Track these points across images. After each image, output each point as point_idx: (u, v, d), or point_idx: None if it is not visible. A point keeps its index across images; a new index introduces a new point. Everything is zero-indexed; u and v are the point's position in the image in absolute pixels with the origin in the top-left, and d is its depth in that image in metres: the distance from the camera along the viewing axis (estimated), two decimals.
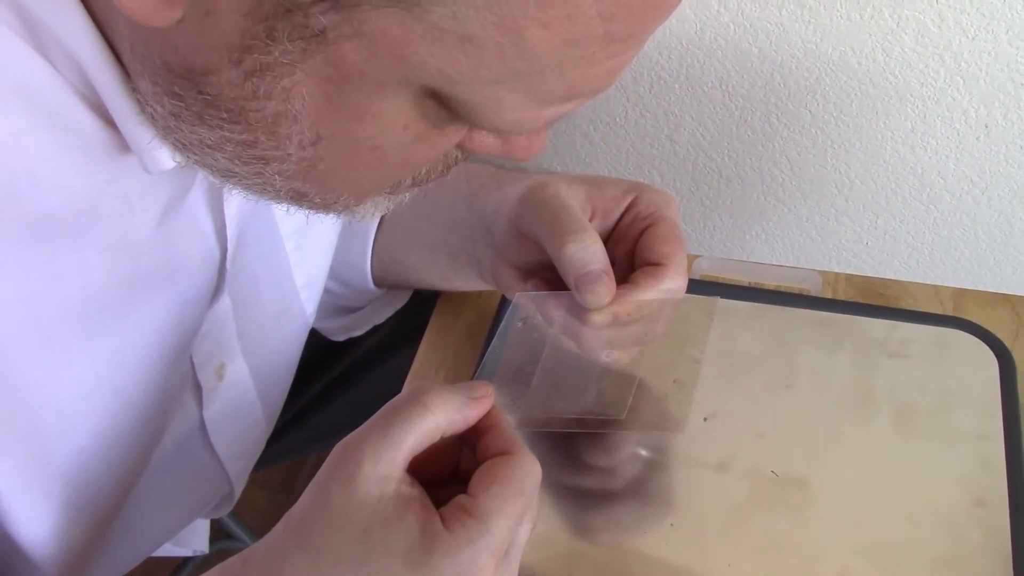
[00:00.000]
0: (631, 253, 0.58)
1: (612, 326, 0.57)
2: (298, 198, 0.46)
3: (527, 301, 0.58)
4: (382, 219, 0.75)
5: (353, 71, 0.37)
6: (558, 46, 0.35)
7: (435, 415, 0.46)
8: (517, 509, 0.45)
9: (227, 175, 0.45)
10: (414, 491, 0.45)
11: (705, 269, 0.76)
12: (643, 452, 0.67)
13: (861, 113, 0.98)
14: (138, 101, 0.44)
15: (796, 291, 0.74)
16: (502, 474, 0.46)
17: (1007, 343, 0.70)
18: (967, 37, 0.90)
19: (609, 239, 0.59)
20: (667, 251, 0.58)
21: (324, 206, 0.47)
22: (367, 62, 0.36)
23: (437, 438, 0.47)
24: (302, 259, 0.70)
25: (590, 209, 0.60)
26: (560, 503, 0.64)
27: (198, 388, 0.66)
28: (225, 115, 0.40)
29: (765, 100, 1.00)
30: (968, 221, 1.04)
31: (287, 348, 0.74)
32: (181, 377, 0.63)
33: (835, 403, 0.68)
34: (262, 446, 0.75)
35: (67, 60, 0.43)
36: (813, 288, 0.74)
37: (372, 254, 0.76)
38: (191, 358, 0.64)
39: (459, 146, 0.45)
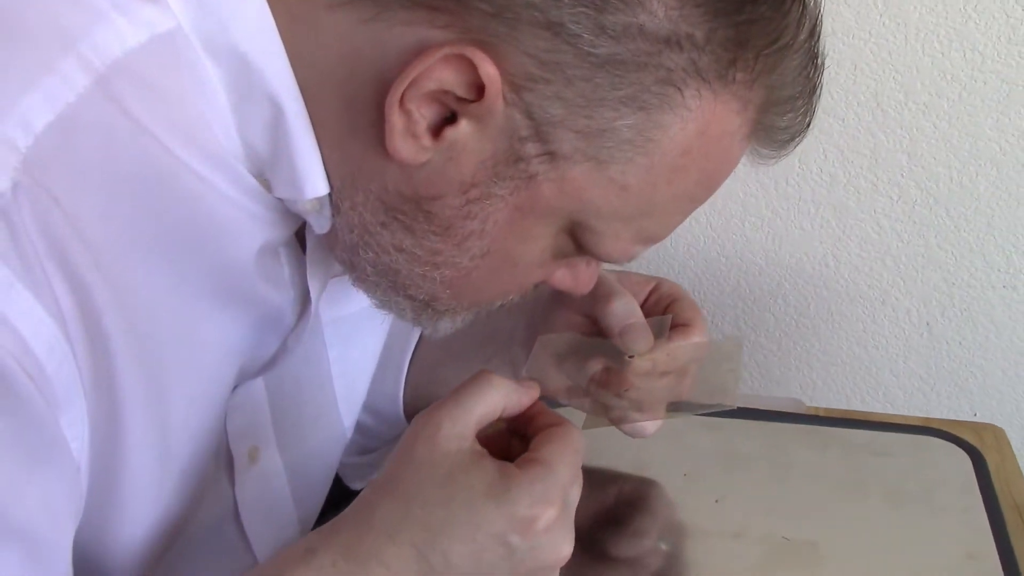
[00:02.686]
0: None
1: (649, 375, 0.65)
2: (422, 306, 0.57)
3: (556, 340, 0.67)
4: (417, 346, 0.84)
5: (540, 204, 0.50)
6: (668, 199, 0.51)
7: (498, 390, 0.54)
8: (574, 462, 0.52)
9: (382, 272, 0.55)
10: (484, 450, 0.52)
11: None
12: (663, 546, 0.72)
13: (818, 315, 1.12)
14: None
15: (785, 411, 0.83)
16: (558, 435, 0.53)
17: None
18: (903, 242, 1.06)
19: None
20: (692, 316, 0.68)
21: (432, 314, 0.58)
22: (554, 199, 0.50)
23: (498, 413, 0.54)
24: (343, 371, 0.77)
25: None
26: None
27: (230, 463, 0.71)
28: (434, 228, 0.52)
29: (733, 305, 1.14)
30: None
31: (323, 454, 0.79)
32: (219, 440, 0.68)
33: (831, 487, 0.75)
34: None
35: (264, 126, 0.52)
36: (798, 410, 0.83)
37: (406, 379, 0.83)
38: (225, 426, 0.69)
39: (539, 282, 0.58)
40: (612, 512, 0.75)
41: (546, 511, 0.51)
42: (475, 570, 0.51)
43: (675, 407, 0.66)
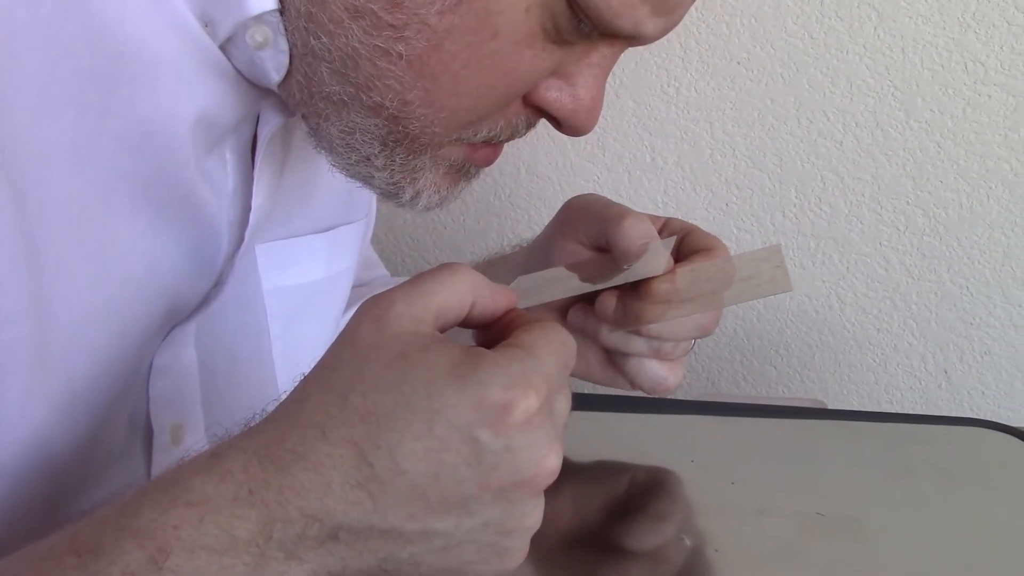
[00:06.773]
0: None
1: (669, 305, 0.54)
2: (391, 124, 0.47)
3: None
4: None
5: None
6: None
7: (465, 277, 0.43)
8: (562, 357, 0.41)
9: (341, 73, 0.45)
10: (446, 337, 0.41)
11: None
12: (687, 541, 0.59)
13: (824, 366, 1.01)
14: None
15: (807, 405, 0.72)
16: (541, 326, 0.42)
17: None
18: (912, 278, 0.97)
19: None
20: (712, 242, 0.57)
21: (406, 148, 0.48)
22: None
23: (465, 309, 0.43)
24: (286, 351, 0.66)
25: None
26: None
27: (148, 439, 0.59)
28: None
29: (730, 359, 1.03)
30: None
31: None
32: (136, 396, 0.57)
33: (868, 468, 0.63)
34: None
35: None
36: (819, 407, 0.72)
37: None
38: (148, 390, 0.58)
39: (531, 102, 0.48)
40: (624, 502, 0.62)
41: (524, 397, 0.38)
42: (431, 478, 0.37)
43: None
